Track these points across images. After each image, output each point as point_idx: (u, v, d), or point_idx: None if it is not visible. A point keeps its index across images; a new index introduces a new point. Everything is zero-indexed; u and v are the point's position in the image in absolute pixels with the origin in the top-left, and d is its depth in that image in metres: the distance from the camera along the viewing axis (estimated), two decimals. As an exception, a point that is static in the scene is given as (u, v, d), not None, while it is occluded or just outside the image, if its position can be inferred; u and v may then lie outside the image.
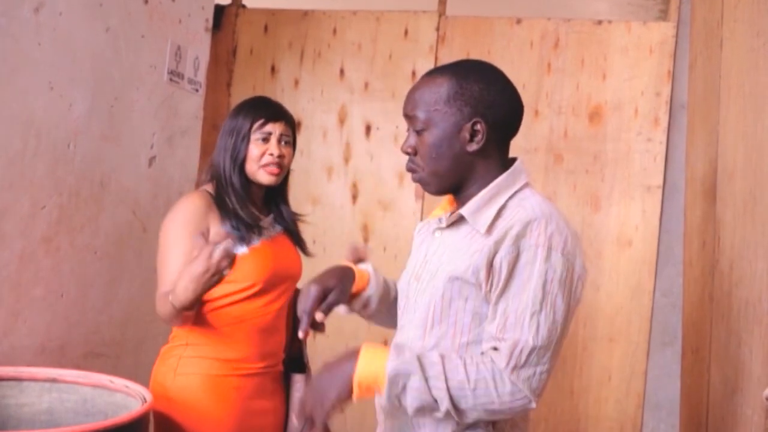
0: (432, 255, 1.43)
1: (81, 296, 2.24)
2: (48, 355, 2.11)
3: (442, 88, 1.38)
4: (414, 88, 1.43)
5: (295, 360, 2.05)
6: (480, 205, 1.36)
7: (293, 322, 2.04)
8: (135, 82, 2.43)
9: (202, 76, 2.82)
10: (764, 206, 1.82)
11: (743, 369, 1.88)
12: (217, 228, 1.84)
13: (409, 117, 1.41)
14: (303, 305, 1.40)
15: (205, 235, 1.82)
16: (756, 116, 1.95)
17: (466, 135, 1.37)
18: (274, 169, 1.89)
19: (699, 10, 2.72)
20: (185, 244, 1.80)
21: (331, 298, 1.42)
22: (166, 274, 1.81)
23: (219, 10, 3.16)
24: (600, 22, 2.94)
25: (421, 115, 1.38)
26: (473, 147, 1.38)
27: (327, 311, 1.42)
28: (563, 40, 2.95)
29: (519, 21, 3.00)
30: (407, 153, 1.42)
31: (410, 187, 3.04)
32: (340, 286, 1.44)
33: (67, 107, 2.13)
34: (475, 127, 1.37)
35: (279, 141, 1.90)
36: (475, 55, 3.00)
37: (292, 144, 1.96)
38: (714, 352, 2.19)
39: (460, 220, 1.39)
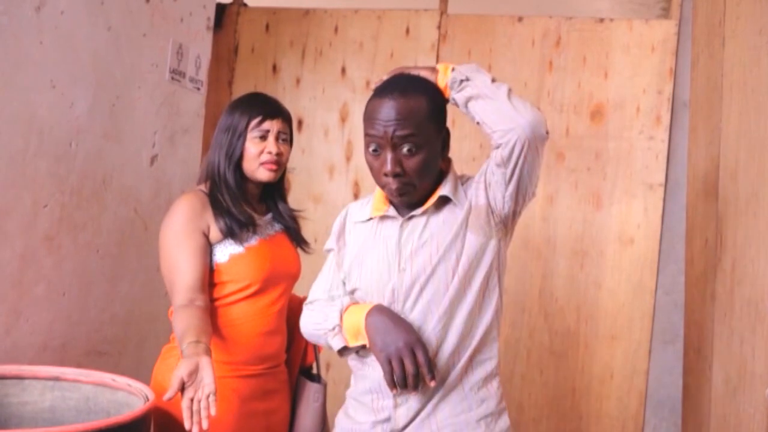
0: (412, 242, 1.51)
1: (83, 294, 2.24)
2: (50, 354, 2.11)
3: (423, 105, 1.47)
4: (397, 107, 1.45)
5: (307, 370, 2.04)
6: (456, 185, 1.54)
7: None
8: (136, 80, 2.43)
9: (203, 75, 2.82)
10: (766, 204, 1.82)
11: (745, 367, 1.88)
12: (215, 226, 1.83)
13: (401, 137, 1.44)
14: (413, 364, 1.40)
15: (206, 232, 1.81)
16: (758, 114, 1.94)
17: (440, 145, 1.52)
18: (273, 166, 1.87)
19: (701, 7, 2.72)
20: (190, 245, 1.78)
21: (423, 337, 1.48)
22: (178, 281, 1.76)
23: (220, 8, 3.16)
24: (602, 20, 2.94)
25: (417, 133, 1.45)
26: (445, 154, 1.55)
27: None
28: (565, 38, 2.95)
29: (520, 19, 3.00)
30: (397, 174, 1.46)
31: (412, 185, 3.04)
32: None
33: (68, 106, 2.13)
34: (446, 136, 1.53)
35: (277, 139, 1.88)
36: (476, 54, 3.00)
37: (289, 141, 1.94)
38: (716, 351, 2.18)
39: (435, 203, 1.51)
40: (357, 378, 1.61)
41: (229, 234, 1.82)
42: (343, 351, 1.55)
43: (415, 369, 1.40)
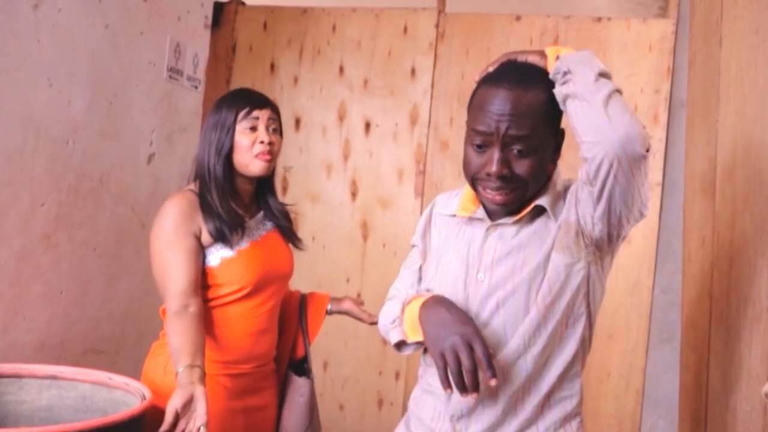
0: (496, 249, 1.37)
1: (80, 293, 2.24)
2: (47, 352, 2.11)
3: (542, 101, 1.31)
4: (514, 100, 1.28)
5: (297, 363, 2.04)
6: (557, 195, 1.38)
7: (303, 326, 2.03)
8: (134, 78, 2.43)
9: (201, 73, 2.82)
10: (763, 203, 1.82)
11: (742, 366, 1.88)
12: (206, 229, 1.80)
13: (513, 137, 1.29)
14: (469, 358, 1.21)
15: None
16: (755, 113, 1.95)
17: (553, 148, 1.38)
18: (267, 156, 1.84)
19: (698, 6, 2.72)
20: (182, 248, 1.76)
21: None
22: (171, 286, 1.74)
23: (218, 6, 3.16)
24: (599, 19, 2.94)
25: (532, 135, 1.29)
26: (557, 157, 1.39)
27: None
28: (563, 37, 2.95)
29: (518, 18, 3.00)
30: (503, 177, 1.30)
31: (409, 184, 3.04)
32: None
33: (66, 104, 2.13)
34: (560, 139, 1.39)
35: (267, 128, 1.85)
36: (474, 53, 3.00)
37: (279, 132, 1.92)
38: (713, 349, 2.19)
39: (529, 213, 1.37)
40: (421, 388, 1.48)
41: (220, 238, 1.80)
42: (402, 346, 1.41)
43: (473, 365, 1.20)
